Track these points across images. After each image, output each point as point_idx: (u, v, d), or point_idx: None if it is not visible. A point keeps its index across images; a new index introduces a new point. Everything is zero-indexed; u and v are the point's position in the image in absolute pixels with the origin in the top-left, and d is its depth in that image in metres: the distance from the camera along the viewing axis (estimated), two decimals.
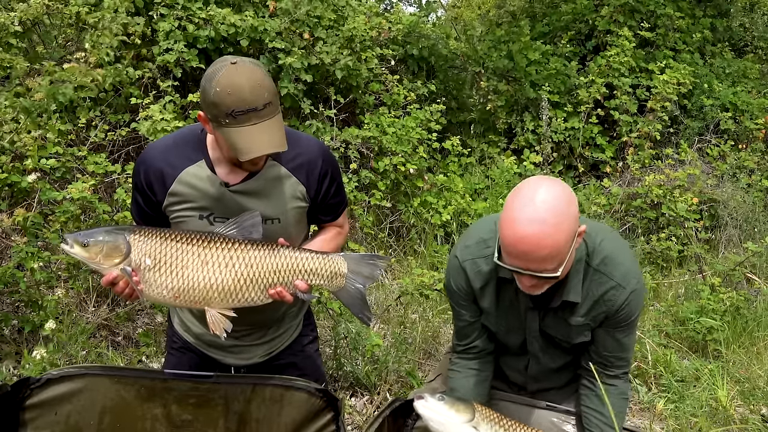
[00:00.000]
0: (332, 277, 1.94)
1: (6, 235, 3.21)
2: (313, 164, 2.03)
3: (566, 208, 1.69)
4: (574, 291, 1.89)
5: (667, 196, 5.07)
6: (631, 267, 1.94)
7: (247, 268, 1.84)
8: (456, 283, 2.04)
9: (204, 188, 1.96)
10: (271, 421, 2.06)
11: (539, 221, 1.65)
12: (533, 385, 2.21)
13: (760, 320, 3.86)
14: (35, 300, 3.01)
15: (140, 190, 2.01)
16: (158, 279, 1.80)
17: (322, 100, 4.76)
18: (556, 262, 1.69)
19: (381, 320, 3.77)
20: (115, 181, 3.68)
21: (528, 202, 1.68)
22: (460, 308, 2.08)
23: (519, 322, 2.03)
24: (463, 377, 2.13)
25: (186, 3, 4.25)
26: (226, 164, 1.95)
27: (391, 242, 4.67)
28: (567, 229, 1.68)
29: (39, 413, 1.99)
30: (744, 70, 6.69)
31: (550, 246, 1.66)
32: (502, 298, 2.00)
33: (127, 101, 3.95)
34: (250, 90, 1.76)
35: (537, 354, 2.10)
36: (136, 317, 3.55)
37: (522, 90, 5.89)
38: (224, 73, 1.77)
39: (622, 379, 2.05)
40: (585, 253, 1.90)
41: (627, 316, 1.94)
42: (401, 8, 6.74)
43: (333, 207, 2.18)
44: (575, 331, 1.99)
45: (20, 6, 3.92)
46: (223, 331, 1.86)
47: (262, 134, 1.77)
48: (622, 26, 6.19)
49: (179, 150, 1.98)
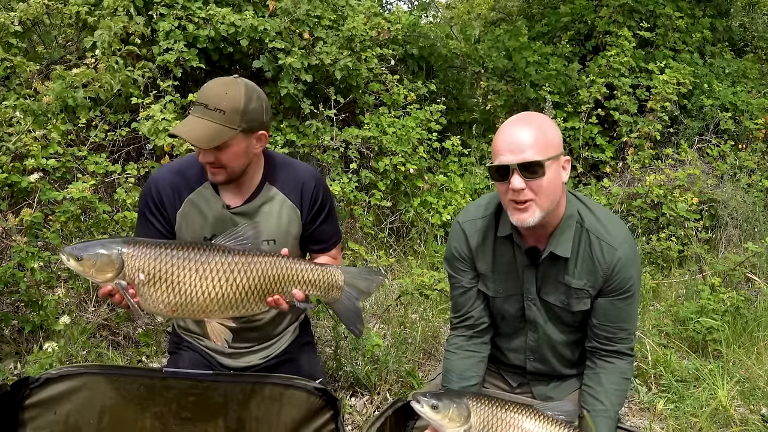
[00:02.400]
0: (329, 289, 1.97)
1: (6, 235, 3.21)
2: (306, 186, 2.19)
3: (548, 121, 1.94)
4: (564, 246, 1.99)
5: (667, 196, 5.07)
6: (623, 232, 2.04)
7: (247, 279, 1.84)
8: (455, 246, 2.14)
9: (208, 210, 2.10)
10: (270, 420, 2.06)
11: (526, 120, 1.91)
12: (533, 364, 2.21)
13: (760, 320, 3.85)
14: (35, 300, 3.00)
15: (153, 212, 2.11)
16: (154, 293, 1.79)
17: (322, 100, 4.76)
18: (542, 153, 1.84)
19: (381, 320, 3.77)
20: (115, 181, 3.68)
21: (515, 118, 1.95)
22: (457, 274, 2.16)
23: (517, 285, 2.09)
24: (459, 359, 2.17)
25: (186, 2, 4.25)
26: (227, 188, 2.10)
27: (391, 242, 4.67)
28: (549, 132, 1.89)
29: (38, 413, 2.00)
30: (744, 70, 6.69)
31: (537, 137, 1.84)
32: (499, 258, 2.09)
33: (128, 101, 3.95)
34: (215, 92, 1.96)
35: (536, 320, 2.13)
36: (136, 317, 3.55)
37: (522, 90, 5.89)
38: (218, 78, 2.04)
39: (625, 358, 2.08)
40: (578, 214, 2.01)
41: (624, 281, 2.00)
42: (401, 8, 6.74)
43: (325, 235, 2.26)
44: (574, 296, 2.03)
45: (20, 6, 3.92)
46: (225, 342, 1.87)
47: (194, 125, 1.93)
48: (621, 26, 6.19)
49: (185, 174, 2.13)
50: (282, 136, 4.40)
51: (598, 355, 2.09)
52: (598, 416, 2.01)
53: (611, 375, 2.05)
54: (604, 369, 2.06)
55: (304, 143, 4.44)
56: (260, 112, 2.02)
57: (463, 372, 2.14)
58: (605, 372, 2.06)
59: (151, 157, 4.04)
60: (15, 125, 3.27)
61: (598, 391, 2.04)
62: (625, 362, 2.07)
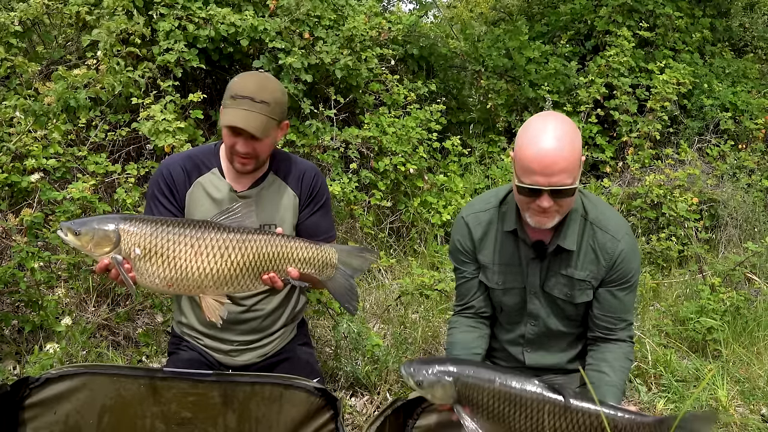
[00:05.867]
0: (323, 267, 2.00)
1: (6, 235, 3.21)
2: (306, 175, 2.30)
3: (574, 131, 1.89)
4: (570, 239, 2.03)
5: (667, 196, 5.07)
6: (624, 224, 2.11)
7: (242, 256, 1.88)
8: (459, 239, 2.18)
9: (215, 193, 2.19)
10: (270, 420, 2.06)
11: (556, 138, 1.83)
12: (531, 356, 2.21)
13: (760, 320, 3.85)
14: (35, 300, 3.01)
15: (164, 192, 2.18)
16: (150, 268, 1.83)
17: (322, 100, 4.76)
18: (573, 177, 1.84)
19: (381, 320, 3.77)
20: (115, 182, 3.68)
21: (543, 127, 1.86)
22: (461, 266, 2.21)
23: (519, 278, 2.12)
24: (462, 332, 2.21)
25: (186, 2, 4.25)
26: (234, 173, 2.20)
27: (391, 242, 4.67)
28: (578, 147, 1.87)
29: (38, 412, 2.00)
30: (744, 70, 6.69)
31: (569, 158, 1.82)
32: (503, 251, 2.12)
33: (128, 101, 3.95)
34: (254, 84, 2.07)
35: (537, 313, 2.14)
36: (136, 317, 3.55)
37: (521, 90, 5.89)
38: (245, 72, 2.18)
39: (626, 343, 2.12)
40: (582, 207, 2.06)
41: (625, 272, 2.05)
42: (401, 8, 6.74)
43: (318, 229, 2.30)
44: (578, 288, 2.07)
45: (20, 6, 3.92)
46: (219, 318, 1.91)
47: (247, 116, 2.03)
48: (621, 26, 6.18)
49: (195, 159, 2.24)
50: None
51: (600, 341, 2.12)
52: (604, 386, 2.01)
53: (615, 353, 2.08)
54: (608, 349, 2.10)
55: (304, 143, 4.44)
56: (287, 103, 2.19)
57: (468, 343, 2.17)
58: (609, 351, 2.09)
59: (151, 157, 4.04)
60: (16, 125, 3.28)
61: (603, 366, 2.06)
62: (627, 345, 2.11)
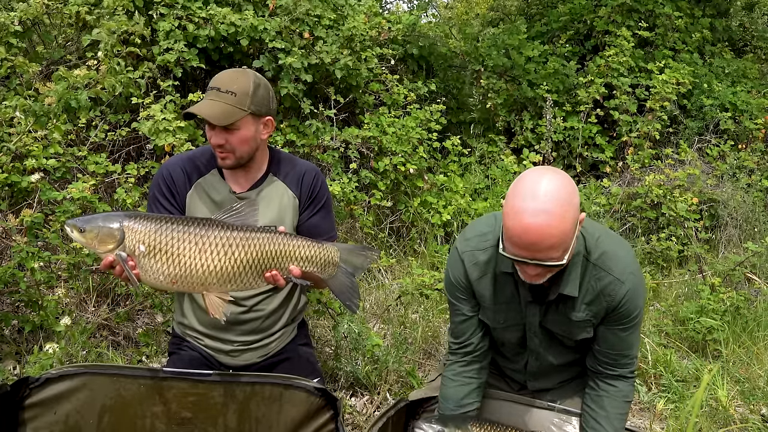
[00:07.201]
0: (325, 265, 2.01)
1: (6, 235, 3.21)
2: (306, 176, 2.31)
3: (569, 197, 1.70)
4: (572, 285, 1.90)
5: (667, 196, 5.07)
6: (630, 262, 1.95)
7: (245, 253, 1.89)
8: (454, 275, 2.07)
9: (215, 194, 2.22)
10: (270, 420, 2.06)
11: (545, 212, 1.65)
12: (533, 383, 2.21)
13: (760, 320, 3.85)
14: (35, 300, 3.00)
15: (164, 194, 2.22)
16: (154, 265, 1.84)
17: (322, 99, 4.76)
18: (562, 250, 1.70)
19: (381, 320, 3.77)
20: (115, 182, 3.68)
21: (532, 193, 1.68)
22: (458, 302, 2.10)
23: (518, 316, 2.04)
24: (456, 386, 2.13)
25: (186, 2, 4.25)
26: (233, 174, 2.23)
27: (391, 242, 4.67)
28: (571, 218, 1.69)
29: (38, 412, 1.99)
30: (743, 70, 6.69)
31: (557, 235, 1.67)
32: (501, 291, 2.02)
33: (128, 101, 3.95)
34: (227, 77, 2.14)
35: (537, 350, 2.10)
36: (136, 317, 3.55)
37: (521, 89, 5.89)
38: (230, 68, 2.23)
39: (626, 381, 2.04)
40: (584, 248, 1.92)
41: (628, 312, 1.94)
42: (401, 8, 6.73)
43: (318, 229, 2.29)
44: (577, 327, 1.99)
45: (20, 6, 3.92)
46: (223, 315, 1.92)
47: (208, 105, 2.08)
48: (620, 26, 6.18)
49: (196, 161, 2.27)
50: (282, 136, 4.40)
51: (599, 377, 2.05)
52: None
53: (613, 399, 2.02)
54: (606, 392, 2.03)
55: (304, 143, 4.44)
56: (267, 99, 2.19)
57: (461, 400, 2.11)
58: (608, 396, 2.02)
59: (151, 157, 4.04)
60: (16, 125, 3.27)
61: (600, 416, 2.02)
62: (627, 384, 2.04)
